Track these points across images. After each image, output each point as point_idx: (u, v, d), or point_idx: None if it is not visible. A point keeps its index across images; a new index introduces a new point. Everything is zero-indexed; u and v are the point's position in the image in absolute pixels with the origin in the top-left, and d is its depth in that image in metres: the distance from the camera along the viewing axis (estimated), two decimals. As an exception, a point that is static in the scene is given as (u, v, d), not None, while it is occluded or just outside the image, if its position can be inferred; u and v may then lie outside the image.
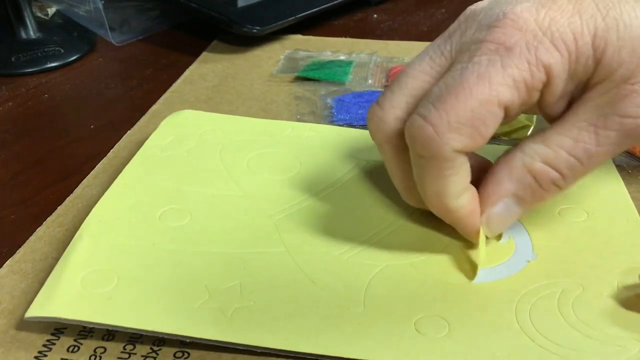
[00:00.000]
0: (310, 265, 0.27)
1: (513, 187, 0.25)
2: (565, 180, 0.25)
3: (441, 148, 0.23)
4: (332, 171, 0.33)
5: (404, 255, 0.27)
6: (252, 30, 0.49)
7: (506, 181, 0.25)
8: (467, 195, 0.26)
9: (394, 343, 0.23)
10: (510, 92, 0.23)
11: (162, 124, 0.37)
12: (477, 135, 0.24)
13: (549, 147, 0.24)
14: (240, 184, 0.32)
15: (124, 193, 0.31)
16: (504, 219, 0.26)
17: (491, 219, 0.26)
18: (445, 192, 0.25)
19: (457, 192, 0.25)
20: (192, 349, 0.24)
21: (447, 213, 0.26)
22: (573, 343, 0.23)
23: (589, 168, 0.25)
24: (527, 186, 0.25)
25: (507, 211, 0.26)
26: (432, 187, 0.25)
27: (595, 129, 0.24)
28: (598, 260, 0.27)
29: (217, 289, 0.25)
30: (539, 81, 0.23)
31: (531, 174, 0.25)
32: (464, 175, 0.25)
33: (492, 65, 0.23)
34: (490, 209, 0.26)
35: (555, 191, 0.25)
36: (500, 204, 0.26)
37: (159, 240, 0.28)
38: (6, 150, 0.37)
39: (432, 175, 0.25)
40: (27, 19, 0.50)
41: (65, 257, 0.26)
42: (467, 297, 0.25)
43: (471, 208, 0.26)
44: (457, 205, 0.25)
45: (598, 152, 0.24)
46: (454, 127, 0.23)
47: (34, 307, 0.24)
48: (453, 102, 0.23)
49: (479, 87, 0.23)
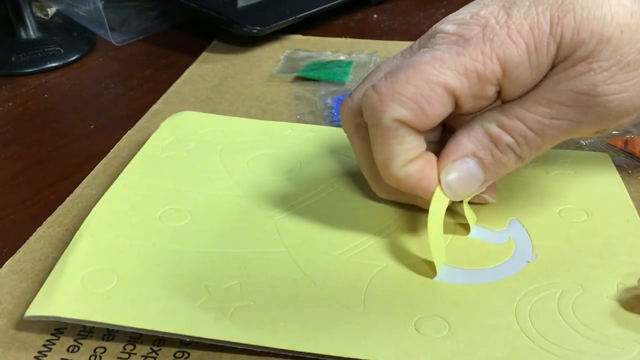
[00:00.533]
0: (310, 265, 0.27)
1: (472, 147, 0.26)
2: (521, 148, 0.25)
3: (382, 115, 0.25)
4: (331, 172, 0.33)
5: (404, 255, 0.27)
6: (252, 30, 0.49)
7: (465, 141, 0.26)
8: (417, 164, 0.26)
9: (394, 343, 0.23)
10: (459, 79, 0.24)
11: (162, 125, 0.37)
12: (419, 112, 0.25)
13: (506, 116, 0.25)
14: (240, 184, 0.32)
15: (124, 193, 0.31)
16: (464, 178, 0.26)
17: (449, 174, 0.26)
18: (391, 160, 0.26)
19: (402, 161, 0.26)
20: (192, 349, 0.24)
21: (395, 182, 0.26)
22: (573, 344, 0.23)
23: (545, 141, 0.25)
24: (486, 147, 0.26)
25: (466, 169, 0.26)
26: (379, 156, 0.26)
27: (550, 103, 0.24)
28: (598, 260, 0.27)
29: (217, 288, 0.25)
30: (492, 73, 0.24)
31: (489, 136, 0.26)
32: (411, 147, 0.25)
33: (447, 52, 0.24)
34: (450, 165, 0.26)
35: (514, 158, 0.26)
36: (459, 162, 0.26)
37: (159, 240, 0.28)
38: (6, 150, 0.37)
39: (378, 144, 0.26)
40: (27, 19, 0.50)
41: (65, 257, 0.26)
42: (466, 298, 0.25)
43: (421, 176, 0.26)
44: (404, 173, 0.26)
45: (552, 125, 0.25)
46: (397, 98, 0.24)
47: (34, 306, 0.24)
48: (402, 76, 0.25)
49: (427, 67, 0.24)
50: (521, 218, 0.30)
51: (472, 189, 0.27)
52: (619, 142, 0.36)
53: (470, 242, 0.28)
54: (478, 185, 0.27)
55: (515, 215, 0.30)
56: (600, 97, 0.23)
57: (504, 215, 0.30)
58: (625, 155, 0.35)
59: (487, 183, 0.27)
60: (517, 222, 0.29)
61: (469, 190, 0.27)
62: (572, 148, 0.36)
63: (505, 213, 0.30)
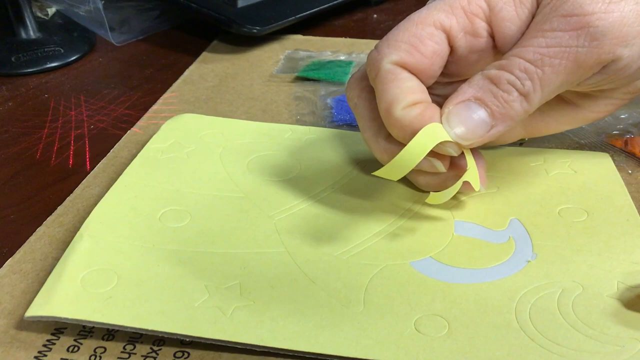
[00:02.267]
0: (310, 265, 0.27)
1: (473, 91, 0.26)
2: (523, 83, 0.25)
3: (381, 62, 0.26)
4: (331, 173, 0.33)
5: (403, 255, 0.27)
6: (252, 30, 0.49)
7: (467, 89, 0.26)
8: (419, 108, 0.26)
9: (394, 342, 0.23)
10: (447, 15, 0.26)
11: (163, 128, 0.37)
12: (414, 51, 0.26)
13: (503, 58, 0.26)
14: (240, 185, 0.32)
15: (124, 194, 0.31)
16: (466, 118, 0.26)
17: (452, 114, 0.26)
18: (393, 103, 0.26)
19: (404, 103, 0.26)
20: (192, 348, 0.24)
21: (398, 125, 0.26)
22: (573, 342, 0.23)
23: (546, 73, 0.25)
24: (486, 89, 0.26)
25: (468, 110, 0.26)
26: (382, 103, 0.26)
27: (543, 33, 0.25)
28: (598, 259, 0.27)
29: (217, 288, 0.25)
30: (478, 8, 0.26)
31: (488, 79, 0.26)
32: (412, 91, 0.26)
33: (436, 2, 0.27)
34: (452, 107, 0.26)
35: (518, 97, 0.25)
36: (462, 105, 0.26)
37: (159, 240, 0.28)
38: (6, 150, 0.37)
39: (381, 91, 0.27)
40: (27, 19, 0.50)
41: (66, 257, 0.26)
42: (467, 297, 0.25)
43: (423, 119, 0.26)
44: (406, 115, 0.26)
45: (550, 54, 0.25)
46: (392, 44, 0.27)
47: (34, 306, 0.24)
48: (396, 29, 0.27)
49: (418, 15, 0.27)
50: (521, 218, 0.30)
51: (479, 133, 0.26)
52: (618, 142, 0.36)
53: (470, 242, 0.28)
54: (486, 129, 0.26)
55: (515, 215, 0.30)
56: (589, 15, 0.24)
57: (504, 215, 0.30)
58: (626, 156, 0.35)
59: (497, 129, 0.26)
60: (517, 221, 0.29)
61: (476, 135, 0.26)
62: (573, 148, 0.36)
63: (506, 213, 0.30)
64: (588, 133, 0.37)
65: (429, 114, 0.26)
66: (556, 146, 0.36)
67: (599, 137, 0.37)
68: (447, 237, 0.29)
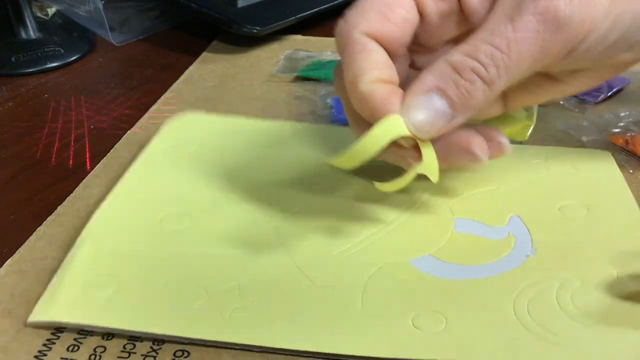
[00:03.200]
0: (309, 265, 0.27)
1: (435, 80, 0.25)
2: (488, 70, 0.24)
3: (349, 32, 0.26)
4: (332, 172, 0.33)
5: (402, 253, 0.27)
6: (252, 30, 0.49)
7: (429, 77, 0.25)
8: (385, 87, 0.25)
9: (391, 339, 0.23)
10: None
11: (164, 128, 0.37)
12: (384, 19, 0.26)
13: (468, 43, 0.25)
14: (241, 185, 0.32)
15: (125, 198, 0.31)
16: (426, 111, 0.25)
17: (411, 106, 0.25)
18: (359, 75, 0.25)
19: (370, 77, 0.25)
20: (192, 347, 0.24)
21: (361, 100, 0.25)
22: (571, 333, 0.23)
23: (512, 59, 0.24)
24: (449, 78, 0.25)
25: (429, 102, 0.25)
26: (348, 74, 0.26)
27: (511, 17, 0.24)
28: (598, 252, 0.27)
29: (216, 290, 0.25)
30: None
31: (452, 66, 0.25)
32: (379, 65, 0.25)
33: None
34: (412, 99, 0.25)
35: (481, 86, 0.24)
36: (423, 97, 0.25)
37: (159, 244, 0.28)
38: (6, 150, 0.37)
39: (348, 62, 0.26)
40: (27, 19, 0.50)
41: (67, 262, 0.27)
42: (465, 293, 0.25)
43: (386, 99, 0.25)
44: (370, 90, 0.25)
45: (517, 38, 0.24)
46: (360, 13, 0.26)
47: (37, 311, 0.24)
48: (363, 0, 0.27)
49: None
50: (521, 214, 0.30)
51: (438, 125, 0.25)
52: (619, 141, 0.36)
53: (470, 239, 0.28)
54: (445, 121, 0.25)
55: (515, 211, 0.30)
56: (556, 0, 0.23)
57: (503, 212, 0.30)
58: (626, 154, 0.35)
59: (457, 119, 0.25)
60: (517, 218, 0.29)
61: (435, 127, 0.25)
62: (574, 146, 0.36)
63: (505, 210, 0.30)
64: (589, 131, 0.37)
65: (393, 101, 0.25)
66: (557, 144, 0.36)
67: (600, 135, 0.37)
68: (446, 235, 0.29)
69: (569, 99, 0.41)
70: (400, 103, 0.25)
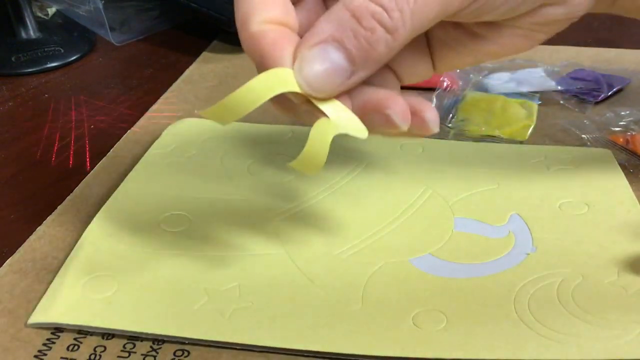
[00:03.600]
0: (309, 266, 0.27)
1: (331, 29, 0.22)
2: (391, 15, 0.21)
3: None
4: (331, 173, 0.33)
5: (402, 253, 0.27)
6: (252, 30, 0.49)
7: (324, 25, 0.22)
8: (276, 29, 0.22)
9: (392, 337, 0.23)
10: None
11: (164, 133, 0.37)
12: None
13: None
14: (241, 188, 0.32)
15: (126, 201, 0.31)
16: (320, 65, 0.22)
17: (304, 59, 0.22)
18: (248, 13, 0.22)
19: (260, 18, 0.22)
20: (192, 347, 0.24)
21: (250, 41, 0.22)
22: (572, 329, 0.23)
23: (418, 1, 0.21)
24: (347, 26, 0.21)
25: (324, 54, 0.22)
26: (238, 14, 0.23)
27: None
28: (598, 249, 0.27)
29: (216, 291, 0.25)
30: None
31: (350, 12, 0.21)
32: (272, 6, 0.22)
33: None
34: (305, 52, 0.22)
35: (383, 35, 0.22)
36: (317, 49, 0.22)
37: (159, 245, 0.28)
38: (6, 150, 0.37)
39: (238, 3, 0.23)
40: (27, 19, 0.50)
41: (68, 264, 0.27)
42: (465, 291, 0.25)
43: (275, 42, 0.22)
44: (259, 30, 0.22)
45: None
46: None
47: (37, 313, 0.24)
48: None
49: None
50: (521, 213, 0.30)
51: (335, 82, 0.22)
52: (620, 140, 0.36)
53: (470, 238, 0.28)
54: (344, 77, 0.22)
55: (515, 210, 0.30)
56: None
57: (504, 211, 0.30)
58: (627, 153, 0.35)
59: (358, 75, 0.22)
60: (517, 216, 0.29)
61: (331, 85, 0.22)
62: (574, 145, 0.36)
63: (506, 208, 0.30)
64: (590, 129, 0.37)
65: (284, 47, 0.22)
66: (557, 144, 0.36)
67: (600, 134, 0.37)
68: (446, 234, 0.29)
69: (569, 99, 0.41)
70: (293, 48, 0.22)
